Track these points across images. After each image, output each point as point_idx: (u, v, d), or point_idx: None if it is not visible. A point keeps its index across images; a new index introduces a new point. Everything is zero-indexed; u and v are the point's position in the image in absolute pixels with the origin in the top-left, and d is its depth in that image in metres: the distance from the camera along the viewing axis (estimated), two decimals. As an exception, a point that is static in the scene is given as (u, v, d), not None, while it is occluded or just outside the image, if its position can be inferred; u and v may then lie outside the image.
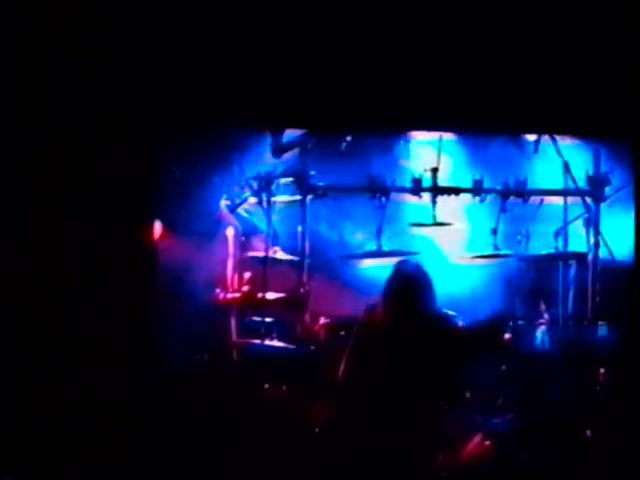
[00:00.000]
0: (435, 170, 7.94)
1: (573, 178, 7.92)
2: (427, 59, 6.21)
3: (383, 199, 7.87)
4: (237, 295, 7.79)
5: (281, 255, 7.87)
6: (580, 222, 7.87)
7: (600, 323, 7.55)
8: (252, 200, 7.92)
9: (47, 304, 6.08)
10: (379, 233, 7.84)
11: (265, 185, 7.80)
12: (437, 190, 7.93)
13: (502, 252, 7.97)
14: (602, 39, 6.21)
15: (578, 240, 7.92)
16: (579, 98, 6.26)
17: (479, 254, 8.01)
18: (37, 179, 6.12)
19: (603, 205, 7.79)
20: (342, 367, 6.46)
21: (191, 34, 6.16)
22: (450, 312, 7.25)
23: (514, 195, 7.91)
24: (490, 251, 7.96)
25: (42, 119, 6.12)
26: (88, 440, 6.02)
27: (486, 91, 6.24)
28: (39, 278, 6.10)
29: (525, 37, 6.20)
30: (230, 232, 7.94)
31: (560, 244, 7.96)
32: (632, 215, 6.46)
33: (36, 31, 6.10)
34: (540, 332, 7.65)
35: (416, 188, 7.93)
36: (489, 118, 6.35)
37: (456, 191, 7.98)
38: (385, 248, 7.85)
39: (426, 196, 7.95)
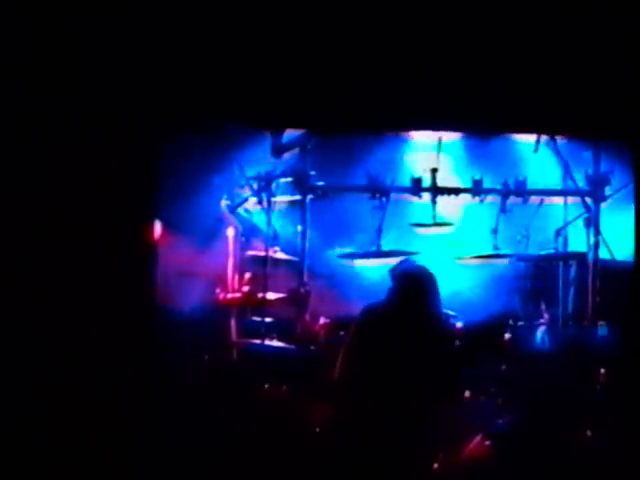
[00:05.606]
0: (435, 170, 7.95)
1: (573, 178, 7.92)
2: (427, 59, 6.21)
3: (383, 199, 7.88)
4: (237, 295, 7.79)
5: (281, 255, 7.87)
6: (580, 222, 7.88)
7: (600, 323, 7.55)
8: (252, 200, 7.92)
9: (47, 304, 6.07)
10: (379, 233, 7.84)
11: (265, 185, 7.81)
12: (437, 190, 7.93)
13: (502, 252, 7.97)
14: (602, 39, 6.21)
15: (578, 240, 7.93)
16: (579, 98, 6.26)
17: (479, 254, 8.01)
18: (37, 179, 6.11)
19: (603, 205, 7.80)
20: (339, 365, 6.45)
21: (191, 34, 6.16)
22: (450, 312, 7.27)
23: (514, 195, 7.92)
24: (490, 251, 7.97)
25: (42, 119, 6.11)
26: (88, 441, 6.02)
27: (486, 91, 6.24)
28: (39, 278, 6.09)
29: (525, 37, 6.20)
30: (230, 232, 7.94)
31: (560, 244, 7.97)
32: (632, 215, 6.46)
33: (36, 31, 6.10)
34: (540, 332, 7.65)
35: (416, 188, 7.94)
36: (489, 118, 6.35)
37: (456, 191, 7.99)
38: (385, 248, 7.86)
39: (426, 196, 7.96)
